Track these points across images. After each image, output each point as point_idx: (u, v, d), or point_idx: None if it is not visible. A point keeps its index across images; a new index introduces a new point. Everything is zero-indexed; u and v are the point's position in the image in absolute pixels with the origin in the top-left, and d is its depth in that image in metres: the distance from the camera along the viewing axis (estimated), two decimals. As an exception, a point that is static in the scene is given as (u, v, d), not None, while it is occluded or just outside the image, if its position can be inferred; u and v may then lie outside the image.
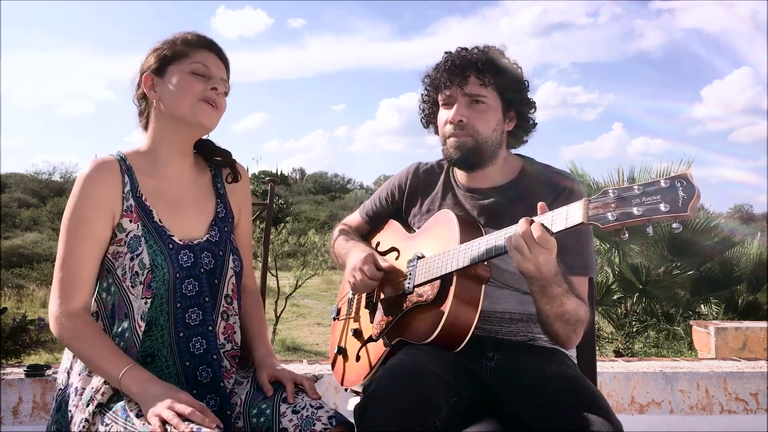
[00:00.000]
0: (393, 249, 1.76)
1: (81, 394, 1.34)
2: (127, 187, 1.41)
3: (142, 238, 1.38)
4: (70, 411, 1.34)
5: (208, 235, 1.47)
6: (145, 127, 1.49)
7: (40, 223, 22.12)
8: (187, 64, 1.43)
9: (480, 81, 1.58)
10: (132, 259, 1.37)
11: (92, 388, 1.33)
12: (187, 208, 1.48)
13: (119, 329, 1.37)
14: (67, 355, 1.44)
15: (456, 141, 1.60)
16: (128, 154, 1.46)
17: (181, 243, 1.42)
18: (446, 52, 1.66)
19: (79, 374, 1.38)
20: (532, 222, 1.29)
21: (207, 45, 1.47)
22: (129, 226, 1.39)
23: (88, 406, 1.31)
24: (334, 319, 1.94)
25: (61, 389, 1.41)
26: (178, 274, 1.39)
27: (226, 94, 1.48)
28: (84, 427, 1.30)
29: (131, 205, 1.40)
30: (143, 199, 1.42)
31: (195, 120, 1.42)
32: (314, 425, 1.33)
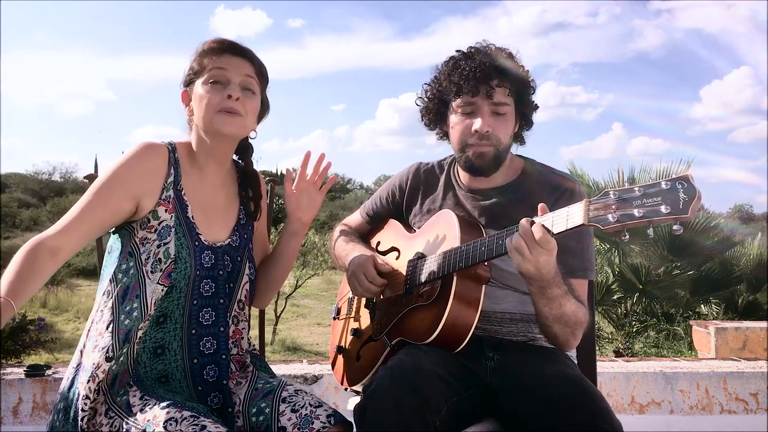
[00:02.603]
0: (393, 249, 1.76)
1: (85, 370, 1.36)
2: (171, 178, 1.44)
3: (173, 230, 1.41)
4: (78, 388, 1.35)
5: (230, 240, 1.50)
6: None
7: (40, 223, 22.08)
8: (206, 74, 1.45)
9: (506, 90, 1.57)
10: (159, 246, 1.39)
11: (93, 363, 1.34)
12: (215, 211, 1.51)
13: (127, 308, 1.38)
14: (83, 335, 1.45)
15: (478, 151, 1.58)
16: (178, 146, 1.49)
17: (206, 243, 1.45)
18: (461, 53, 1.63)
19: (90, 351, 1.38)
20: (532, 223, 1.29)
21: (224, 49, 1.48)
22: (163, 215, 1.41)
23: (88, 382, 1.32)
24: (334, 318, 1.94)
25: (73, 367, 1.41)
26: (198, 272, 1.42)
27: (253, 92, 1.48)
28: (85, 404, 1.31)
29: (170, 195, 1.43)
30: (183, 193, 1.45)
31: (214, 130, 1.44)
32: (312, 424, 1.35)
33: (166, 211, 1.41)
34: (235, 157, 1.60)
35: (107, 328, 1.38)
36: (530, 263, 1.29)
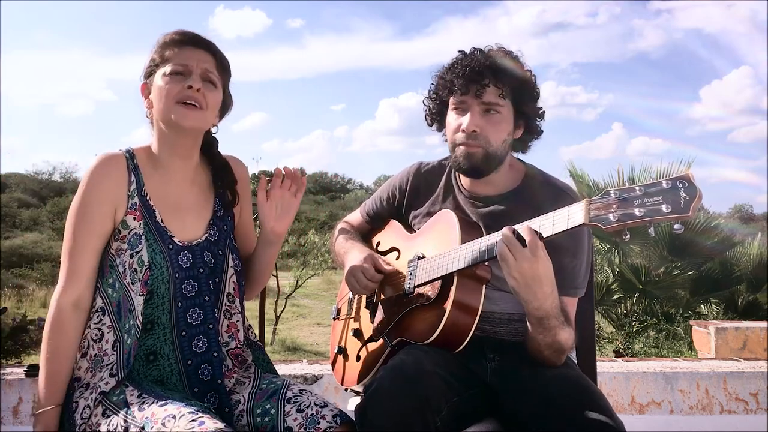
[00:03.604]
0: (393, 249, 1.76)
1: (89, 388, 1.36)
2: (133, 186, 1.42)
3: (143, 237, 1.40)
4: (76, 402, 1.36)
5: (207, 235, 1.49)
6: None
7: (40, 223, 22.10)
8: (167, 66, 1.42)
9: (498, 90, 1.54)
10: (132, 256, 1.39)
11: (99, 378, 1.36)
12: (187, 210, 1.49)
13: (126, 326, 1.38)
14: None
15: (466, 150, 1.56)
16: (137, 151, 1.47)
17: (180, 244, 1.43)
18: (462, 53, 1.61)
19: (89, 371, 1.39)
20: (514, 230, 1.29)
21: (185, 41, 1.45)
22: (132, 223, 1.40)
23: (90, 394, 1.34)
24: (334, 319, 1.94)
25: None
26: (177, 275, 1.41)
27: (215, 85, 1.45)
28: (86, 413, 1.32)
29: (136, 203, 1.42)
30: (147, 198, 1.44)
31: (173, 123, 1.41)
32: (319, 424, 1.34)
33: (134, 219, 1.41)
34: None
35: (113, 348, 1.38)
36: (515, 270, 1.29)
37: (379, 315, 1.67)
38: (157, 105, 1.43)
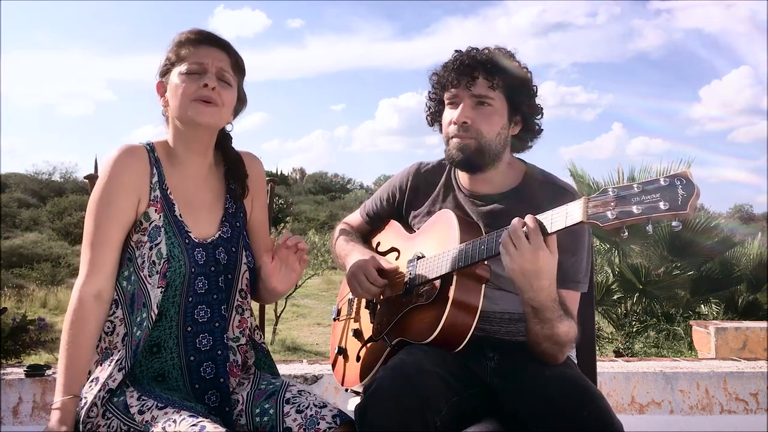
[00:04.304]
0: (393, 249, 1.76)
1: (97, 382, 1.36)
2: (155, 178, 1.44)
3: (162, 229, 1.41)
4: (85, 398, 1.35)
5: (219, 232, 1.49)
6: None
7: (40, 223, 22.07)
8: (183, 65, 1.44)
9: (488, 83, 1.55)
10: (151, 248, 1.39)
11: (108, 375, 1.36)
12: (201, 207, 1.50)
13: (138, 319, 1.39)
14: None
15: (459, 142, 1.57)
16: (156, 145, 1.48)
17: (196, 240, 1.44)
18: (456, 51, 1.63)
19: (98, 363, 1.40)
20: (524, 224, 1.29)
21: (201, 40, 1.47)
22: (153, 216, 1.42)
23: (99, 391, 1.34)
24: (335, 319, 1.94)
25: None
26: (193, 269, 1.42)
27: (229, 84, 1.47)
28: (94, 412, 1.32)
29: (157, 195, 1.43)
30: (168, 192, 1.45)
31: (190, 119, 1.43)
32: (318, 424, 1.34)
33: (155, 211, 1.42)
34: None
35: (122, 341, 1.39)
36: (515, 262, 1.29)
37: (379, 315, 1.67)
38: (173, 103, 1.45)
